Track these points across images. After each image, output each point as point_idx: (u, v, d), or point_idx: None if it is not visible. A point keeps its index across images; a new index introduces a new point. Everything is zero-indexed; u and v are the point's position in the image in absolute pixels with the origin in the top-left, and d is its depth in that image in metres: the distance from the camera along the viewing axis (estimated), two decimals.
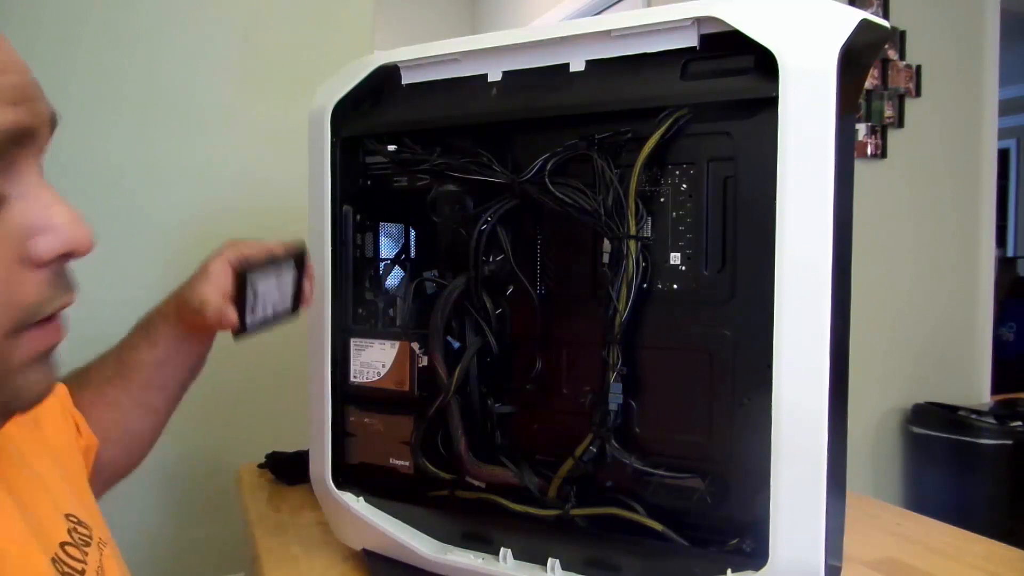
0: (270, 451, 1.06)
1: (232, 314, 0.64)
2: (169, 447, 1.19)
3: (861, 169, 2.06)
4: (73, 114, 1.14)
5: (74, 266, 0.43)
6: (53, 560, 0.44)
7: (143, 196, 1.17)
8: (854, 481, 0.60)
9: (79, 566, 0.46)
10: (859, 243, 0.59)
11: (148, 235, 1.17)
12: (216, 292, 0.65)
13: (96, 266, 1.13)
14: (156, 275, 1.18)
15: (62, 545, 0.47)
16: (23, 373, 0.39)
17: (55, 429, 0.61)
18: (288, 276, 0.67)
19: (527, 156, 0.62)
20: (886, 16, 2.08)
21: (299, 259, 0.67)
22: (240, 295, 0.64)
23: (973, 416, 2.07)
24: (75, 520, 0.50)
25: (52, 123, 0.40)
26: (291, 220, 1.14)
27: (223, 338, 1.21)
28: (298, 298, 0.68)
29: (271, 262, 0.66)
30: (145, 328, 0.71)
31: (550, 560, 0.62)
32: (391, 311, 0.74)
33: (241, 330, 0.65)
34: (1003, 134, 2.52)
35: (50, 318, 0.40)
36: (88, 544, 0.49)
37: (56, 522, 0.48)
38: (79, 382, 0.69)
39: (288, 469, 1.01)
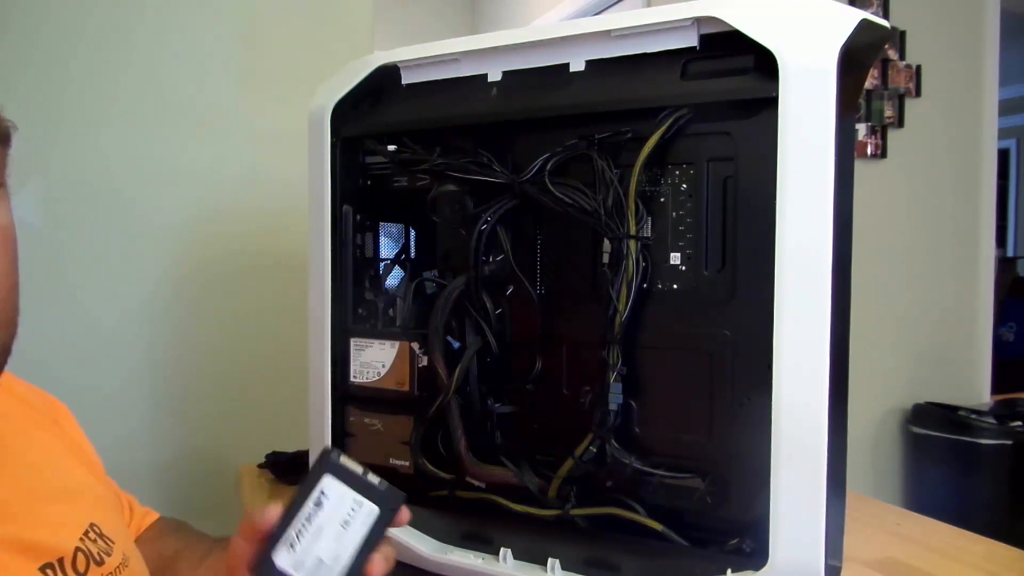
0: (270, 451, 1.06)
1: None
2: (169, 447, 1.20)
3: (861, 169, 2.06)
4: (72, 115, 1.14)
5: (73, 269, 0.42)
6: (43, 568, 0.43)
7: (142, 197, 1.17)
8: (854, 481, 0.60)
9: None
10: (859, 243, 0.59)
11: (148, 236, 1.17)
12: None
13: (96, 268, 1.14)
14: (157, 277, 1.18)
15: (75, 551, 0.45)
16: None
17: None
18: (357, 529, 0.46)
19: (527, 156, 0.62)
20: (886, 16, 2.08)
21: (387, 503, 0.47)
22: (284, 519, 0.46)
23: (973, 416, 2.07)
24: (97, 532, 0.48)
25: None
26: (291, 220, 1.14)
27: (224, 332, 1.22)
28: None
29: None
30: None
31: (550, 560, 0.62)
32: (391, 311, 0.74)
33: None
34: (1003, 134, 2.52)
35: None
36: (108, 555, 0.48)
37: (71, 530, 0.47)
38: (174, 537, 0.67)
39: (288, 469, 1.01)
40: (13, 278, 0.39)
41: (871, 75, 2.09)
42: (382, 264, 0.75)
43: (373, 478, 0.47)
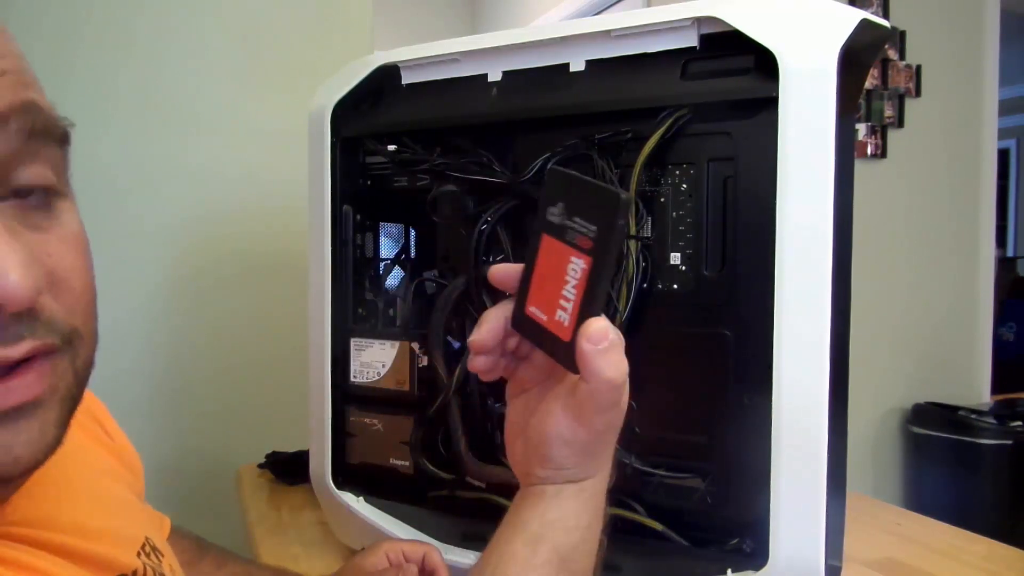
0: (270, 451, 1.06)
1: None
2: (169, 447, 1.19)
3: (861, 169, 2.06)
4: (71, 115, 1.14)
5: None
6: None
7: (142, 197, 1.17)
8: (854, 481, 0.60)
9: None
10: (859, 243, 0.59)
11: (148, 237, 1.17)
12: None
13: (95, 267, 1.13)
14: (156, 276, 1.18)
15: (144, 566, 0.44)
16: None
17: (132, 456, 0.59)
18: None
19: (527, 156, 0.62)
20: (886, 16, 2.08)
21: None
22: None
23: (973, 416, 2.07)
24: (151, 545, 0.47)
25: (3, 118, 0.32)
26: (291, 220, 1.14)
27: (224, 332, 1.21)
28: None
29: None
30: None
31: None
32: (391, 311, 0.74)
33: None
34: (1003, 134, 2.52)
35: (7, 373, 0.31)
36: (160, 571, 0.46)
37: (133, 544, 0.45)
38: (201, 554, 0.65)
39: (288, 469, 1.01)
40: (95, 288, 0.37)
41: (871, 75, 2.09)
42: (382, 264, 0.75)
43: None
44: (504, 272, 0.44)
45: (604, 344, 0.38)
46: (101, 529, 0.43)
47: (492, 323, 0.43)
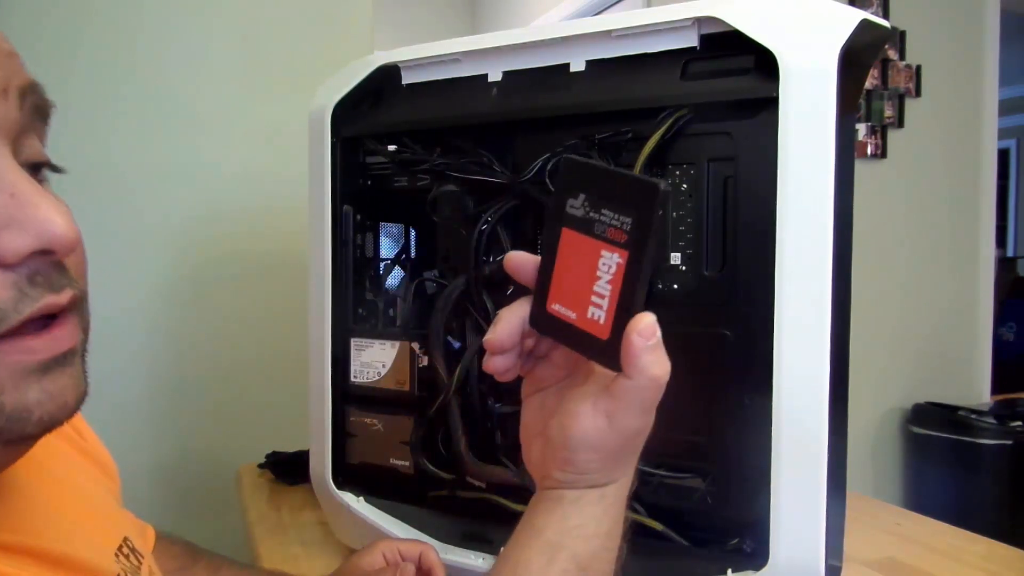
0: (270, 451, 1.06)
1: None
2: (169, 447, 1.20)
3: (861, 169, 2.06)
4: (73, 114, 1.14)
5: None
6: None
7: (143, 197, 1.17)
8: (854, 481, 0.60)
9: None
10: (859, 243, 0.59)
11: (148, 236, 1.17)
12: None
13: (95, 267, 1.13)
14: (157, 276, 1.18)
15: (121, 569, 0.43)
16: (10, 392, 0.31)
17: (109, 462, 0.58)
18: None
19: (527, 156, 0.62)
20: (886, 16, 2.08)
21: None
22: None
23: (973, 416, 2.07)
24: (130, 546, 0.46)
25: (22, 93, 0.33)
26: (291, 220, 1.15)
27: (224, 332, 1.21)
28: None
29: None
30: None
31: None
32: (391, 311, 0.74)
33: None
34: (1003, 134, 2.52)
35: (47, 325, 0.32)
36: (139, 573, 0.45)
37: (110, 546, 0.44)
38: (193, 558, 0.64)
39: (288, 469, 1.01)
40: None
41: (871, 75, 2.09)
42: (382, 264, 0.75)
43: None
44: (520, 260, 0.42)
45: (653, 340, 0.38)
46: (76, 531, 0.42)
47: (508, 322, 0.42)
